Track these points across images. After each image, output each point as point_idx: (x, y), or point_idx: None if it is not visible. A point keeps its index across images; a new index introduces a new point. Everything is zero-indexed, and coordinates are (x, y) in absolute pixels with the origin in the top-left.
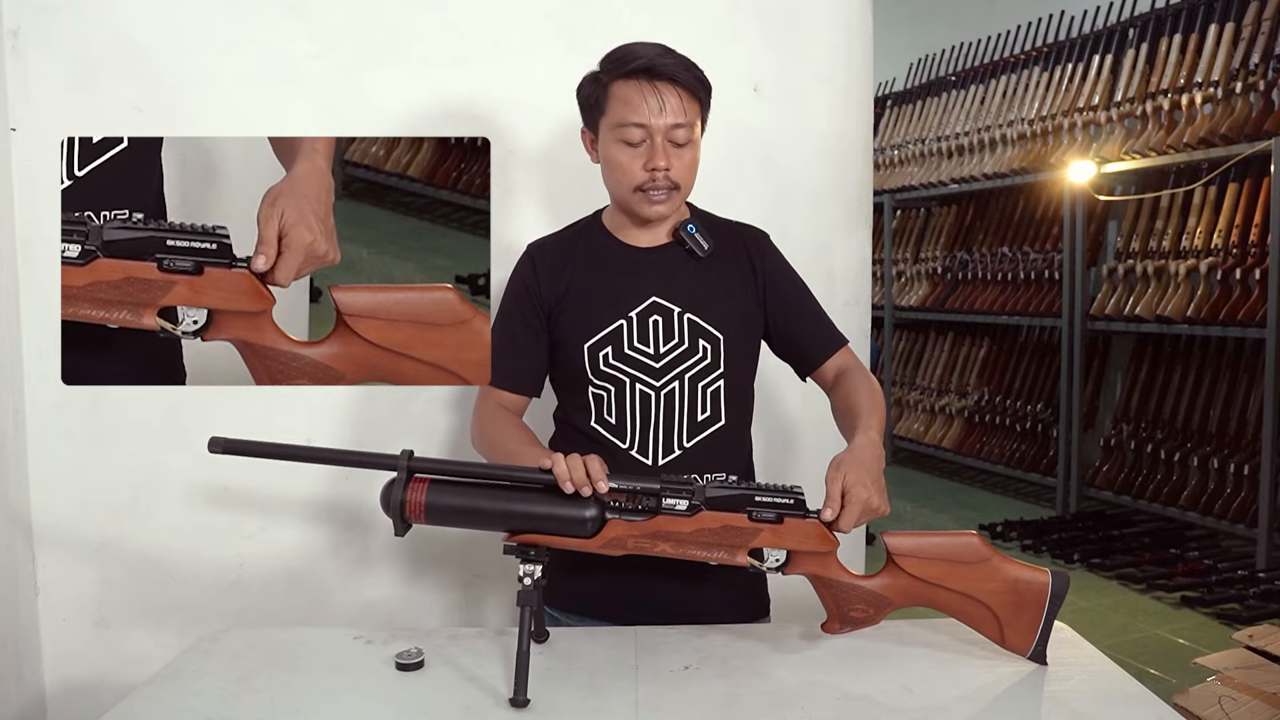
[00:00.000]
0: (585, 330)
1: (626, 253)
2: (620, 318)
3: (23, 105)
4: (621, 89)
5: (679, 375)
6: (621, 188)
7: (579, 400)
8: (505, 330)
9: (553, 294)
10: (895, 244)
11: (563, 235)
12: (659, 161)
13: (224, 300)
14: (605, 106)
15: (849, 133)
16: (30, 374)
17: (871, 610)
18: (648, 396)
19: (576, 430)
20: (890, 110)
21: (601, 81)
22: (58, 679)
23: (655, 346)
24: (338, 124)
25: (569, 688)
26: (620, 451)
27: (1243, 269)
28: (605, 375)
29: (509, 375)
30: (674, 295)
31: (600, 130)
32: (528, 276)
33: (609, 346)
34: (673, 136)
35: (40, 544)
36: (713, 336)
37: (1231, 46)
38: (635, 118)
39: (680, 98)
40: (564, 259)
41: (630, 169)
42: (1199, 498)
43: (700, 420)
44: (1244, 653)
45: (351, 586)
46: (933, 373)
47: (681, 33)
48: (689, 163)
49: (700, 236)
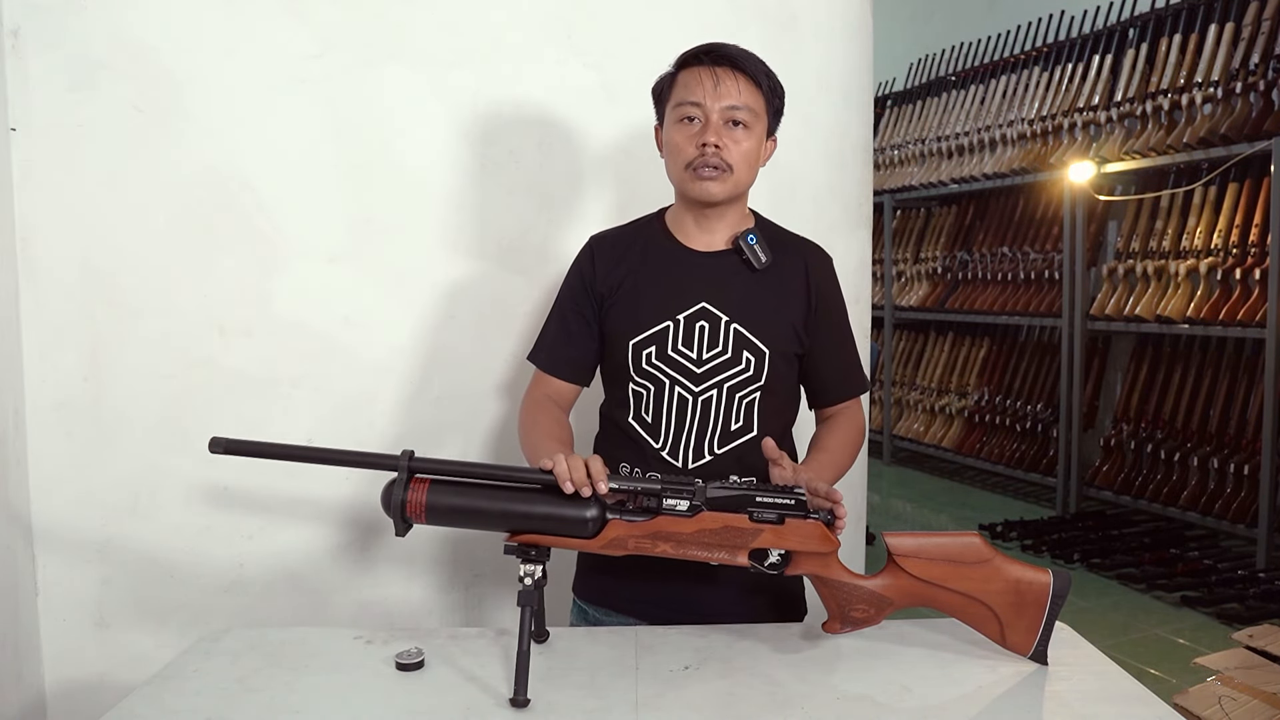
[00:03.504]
0: (632, 327)
1: (682, 254)
2: (668, 319)
3: (23, 105)
4: (684, 75)
5: (719, 384)
6: (676, 167)
7: (619, 395)
8: (560, 318)
9: (606, 286)
10: (895, 244)
11: (623, 229)
12: (709, 136)
13: (800, 544)
14: (670, 94)
15: (849, 133)
16: (30, 374)
17: (872, 610)
18: (685, 400)
19: (615, 425)
20: (890, 110)
21: (671, 72)
22: (58, 679)
23: (699, 352)
24: (338, 124)
25: (569, 688)
26: (652, 450)
27: (1243, 269)
28: (646, 374)
29: (560, 363)
30: (724, 304)
31: (665, 119)
32: (585, 267)
33: (653, 346)
34: (729, 117)
35: (40, 544)
36: (757, 350)
37: (1231, 46)
38: (691, 97)
39: (739, 82)
40: (621, 253)
41: (683, 147)
42: (1199, 498)
43: (734, 430)
44: (1244, 653)
45: (351, 586)
46: (933, 373)
47: (682, 33)
48: (746, 149)
49: (759, 248)
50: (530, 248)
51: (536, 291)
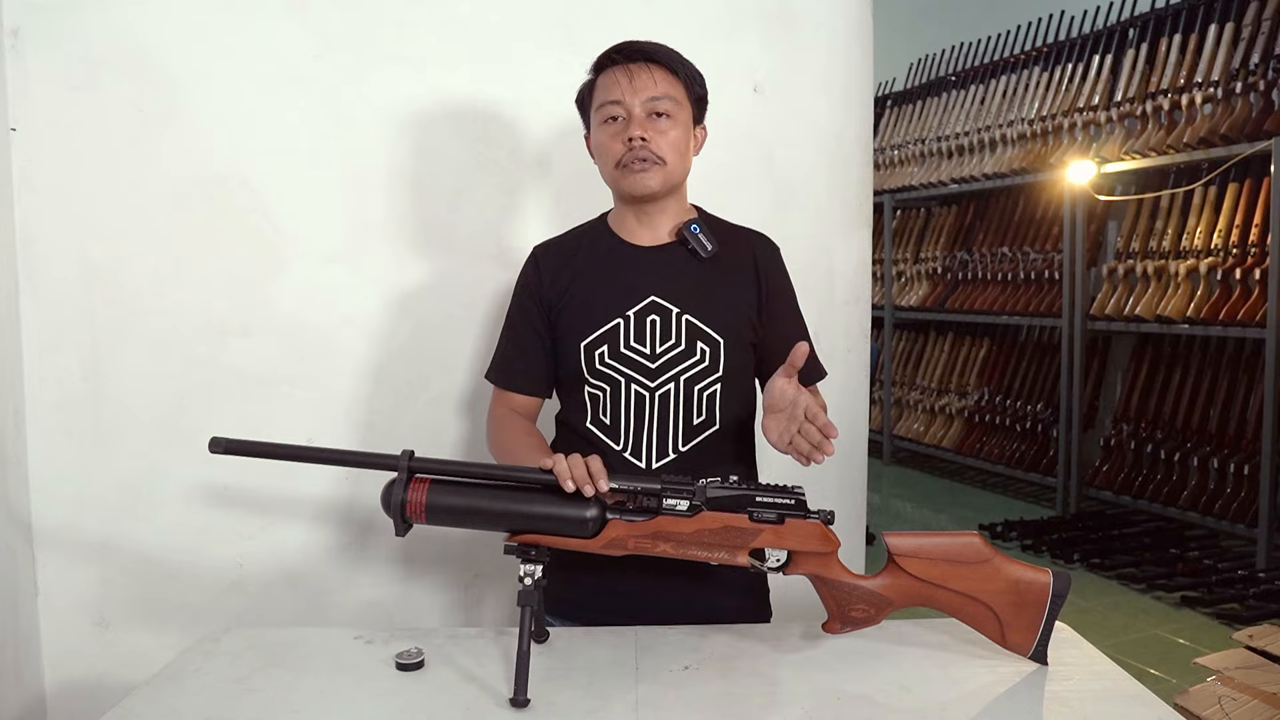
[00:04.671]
0: (583, 328)
1: (627, 251)
2: (618, 316)
3: (23, 105)
4: (602, 78)
5: (674, 377)
6: (608, 168)
7: (576, 400)
8: (512, 332)
9: (554, 291)
10: (895, 244)
11: (566, 236)
12: (633, 130)
13: (800, 543)
14: (591, 99)
15: (849, 133)
16: (30, 374)
17: (872, 610)
18: (642, 397)
19: (572, 431)
20: (890, 110)
21: (589, 79)
22: (58, 679)
23: (651, 347)
24: (338, 124)
25: (569, 688)
26: (614, 453)
27: (1243, 269)
28: (601, 375)
29: (517, 377)
30: (673, 295)
31: (591, 124)
32: (531, 277)
33: (605, 345)
34: (651, 109)
35: (40, 544)
36: (711, 339)
37: (1231, 46)
38: (610, 96)
39: (654, 74)
40: (566, 258)
41: (610, 146)
42: (1199, 498)
43: (696, 424)
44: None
45: (352, 587)
46: (933, 373)
47: (682, 33)
48: (673, 139)
49: (704, 237)
50: (530, 248)
51: None
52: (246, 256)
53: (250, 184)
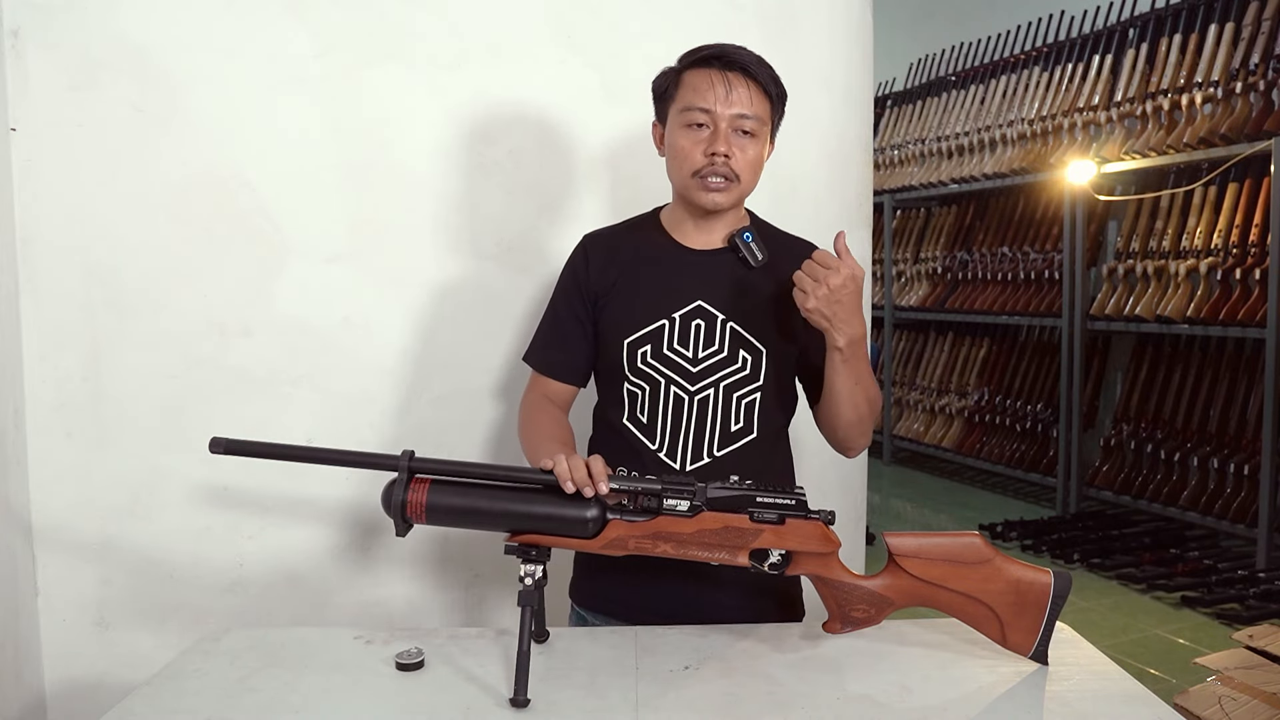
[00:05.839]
0: (627, 325)
1: (678, 252)
2: (663, 317)
3: (23, 105)
4: (692, 76)
5: (715, 383)
6: (681, 173)
7: (614, 396)
8: (553, 318)
9: (600, 284)
10: (895, 244)
11: (617, 228)
12: (719, 146)
13: (800, 544)
14: (675, 94)
15: (849, 132)
16: (30, 374)
17: (873, 610)
18: (681, 400)
19: (609, 428)
20: (890, 110)
21: (675, 70)
22: (58, 679)
23: (694, 350)
24: (338, 124)
25: (569, 688)
26: (649, 452)
27: (1243, 269)
28: (642, 373)
29: (555, 365)
30: (720, 302)
31: (668, 118)
32: (579, 266)
33: (648, 345)
34: (738, 126)
35: (40, 544)
36: (754, 349)
37: (1231, 46)
38: (701, 102)
39: (750, 90)
40: (615, 251)
41: (691, 153)
42: (1199, 498)
43: (733, 431)
44: (1244, 653)
45: (351, 587)
46: (933, 373)
47: (682, 33)
48: (752, 158)
49: (755, 246)
50: (530, 248)
51: (536, 291)
52: (247, 256)
53: (251, 184)
